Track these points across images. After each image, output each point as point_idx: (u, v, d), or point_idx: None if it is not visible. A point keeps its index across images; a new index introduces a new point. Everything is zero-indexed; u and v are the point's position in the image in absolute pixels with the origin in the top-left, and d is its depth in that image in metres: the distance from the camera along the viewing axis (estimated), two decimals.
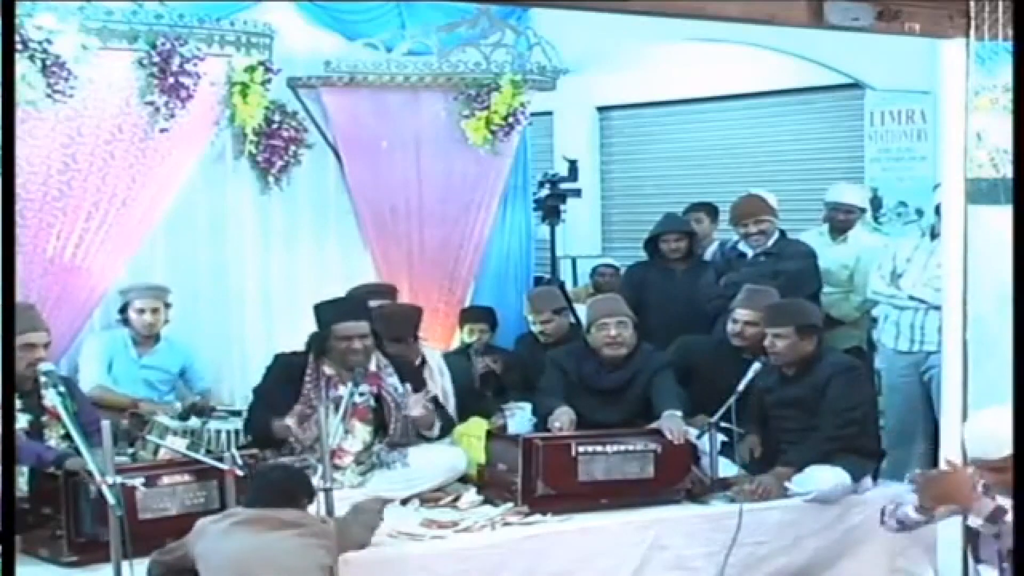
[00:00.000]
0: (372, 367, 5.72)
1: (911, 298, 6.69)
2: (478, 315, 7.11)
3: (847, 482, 5.76)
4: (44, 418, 5.08)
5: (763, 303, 6.19)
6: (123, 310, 6.35)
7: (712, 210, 8.07)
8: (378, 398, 5.71)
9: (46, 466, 4.82)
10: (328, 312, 5.75)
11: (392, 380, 5.76)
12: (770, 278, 6.70)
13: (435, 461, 5.79)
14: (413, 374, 5.98)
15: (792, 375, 5.94)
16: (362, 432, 5.65)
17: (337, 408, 5.48)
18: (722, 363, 6.16)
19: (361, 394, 5.61)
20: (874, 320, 7.16)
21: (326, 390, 5.62)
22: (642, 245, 7.51)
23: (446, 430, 5.89)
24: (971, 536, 4.55)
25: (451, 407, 6.22)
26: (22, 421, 5.01)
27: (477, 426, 6.10)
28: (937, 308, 6.47)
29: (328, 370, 5.68)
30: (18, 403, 4.93)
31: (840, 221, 7.41)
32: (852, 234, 7.45)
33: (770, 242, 7.02)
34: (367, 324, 5.69)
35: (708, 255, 7.68)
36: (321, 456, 4.87)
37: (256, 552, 4.22)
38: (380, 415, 5.71)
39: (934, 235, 6.68)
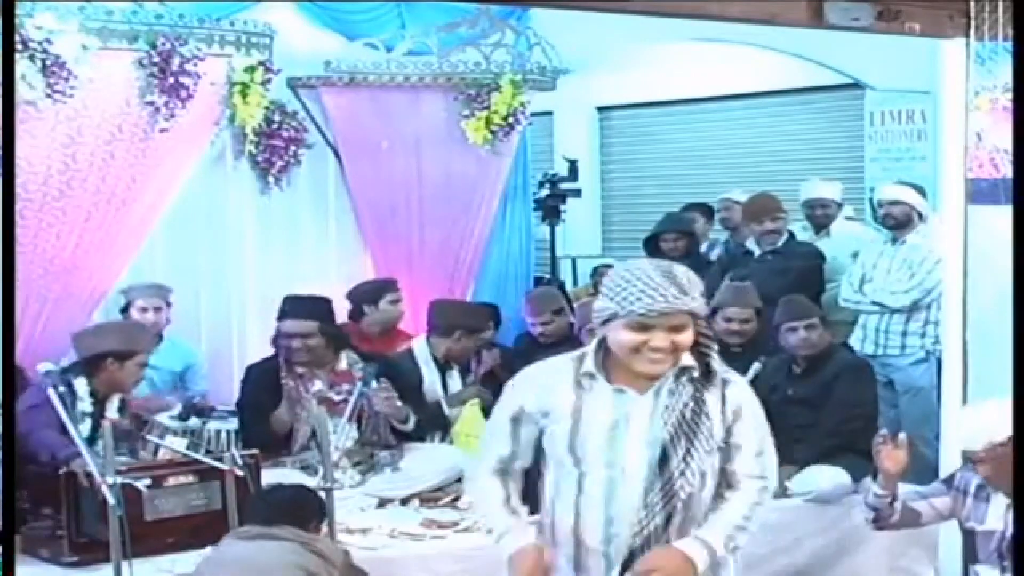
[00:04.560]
0: (343, 366, 5.73)
1: (873, 303, 6.81)
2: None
3: (847, 482, 5.76)
4: None
5: (752, 299, 6.32)
6: (125, 309, 6.35)
7: (707, 210, 8.11)
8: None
9: (58, 464, 4.79)
10: (282, 308, 5.85)
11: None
12: (778, 276, 6.76)
13: (434, 460, 5.80)
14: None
15: (800, 372, 5.95)
16: (349, 430, 5.65)
17: (320, 403, 5.52)
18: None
19: (338, 393, 5.59)
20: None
21: (304, 387, 5.63)
22: (641, 244, 7.52)
23: (437, 423, 5.96)
24: (969, 537, 4.55)
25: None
26: None
27: (477, 426, 6.09)
28: (898, 311, 6.68)
29: (299, 367, 5.71)
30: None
31: (818, 217, 7.52)
32: (849, 229, 7.53)
33: (780, 241, 7.12)
34: (314, 323, 5.69)
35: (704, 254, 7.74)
36: (322, 457, 4.86)
37: (250, 554, 4.20)
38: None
39: (895, 241, 6.83)
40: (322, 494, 4.57)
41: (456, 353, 6.39)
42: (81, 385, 5.16)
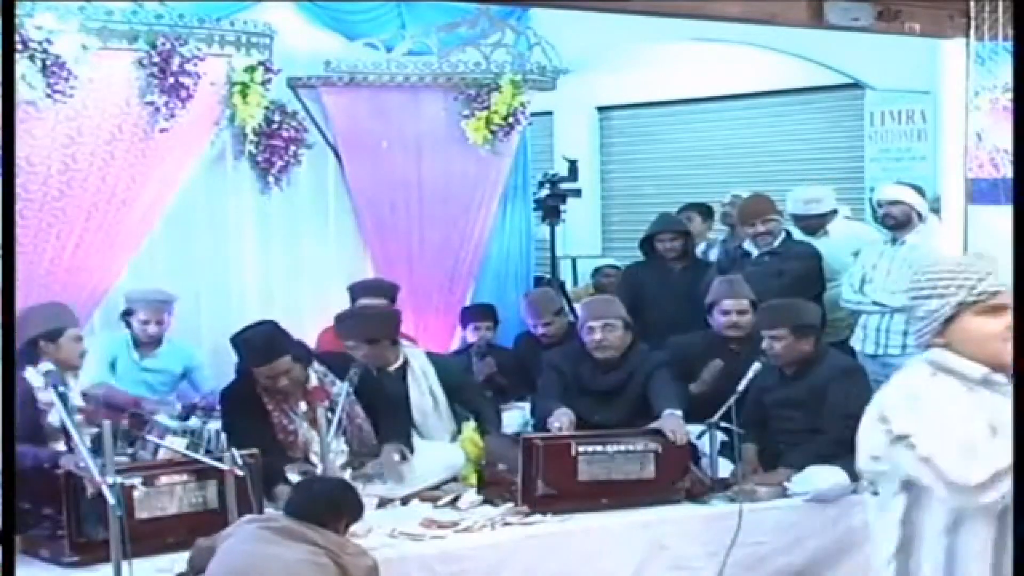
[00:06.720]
0: (314, 382, 5.60)
1: (874, 303, 6.81)
2: (481, 313, 7.13)
3: (846, 482, 5.76)
4: None
5: (744, 290, 6.30)
6: (127, 312, 6.35)
7: (705, 209, 8.09)
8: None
9: (41, 464, 4.80)
10: (244, 349, 5.57)
11: (335, 388, 5.60)
12: (775, 277, 6.74)
13: (432, 459, 5.80)
14: (391, 377, 5.97)
15: (792, 375, 5.94)
16: (337, 445, 5.51)
17: (311, 424, 5.49)
18: (716, 357, 6.23)
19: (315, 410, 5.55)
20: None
21: (292, 406, 5.56)
22: (638, 245, 7.52)
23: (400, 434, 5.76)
24: None
25: (443, 408, 6.16)
26: None
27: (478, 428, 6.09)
28: (899, 311, 6.63)
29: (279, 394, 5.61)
30: None
31: (807, 226, 7.46)
32: (849, 228, 7.53)
33: (776, 242, 7.08)
34: (288, 357, 5.50)
35: (701, 254, 7.73)
36: (322, 457, 4.87)
37: (259, 562, 4.20)
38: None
39: (895, 241, 6.83)
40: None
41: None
42: (32, 374, 5.01)
